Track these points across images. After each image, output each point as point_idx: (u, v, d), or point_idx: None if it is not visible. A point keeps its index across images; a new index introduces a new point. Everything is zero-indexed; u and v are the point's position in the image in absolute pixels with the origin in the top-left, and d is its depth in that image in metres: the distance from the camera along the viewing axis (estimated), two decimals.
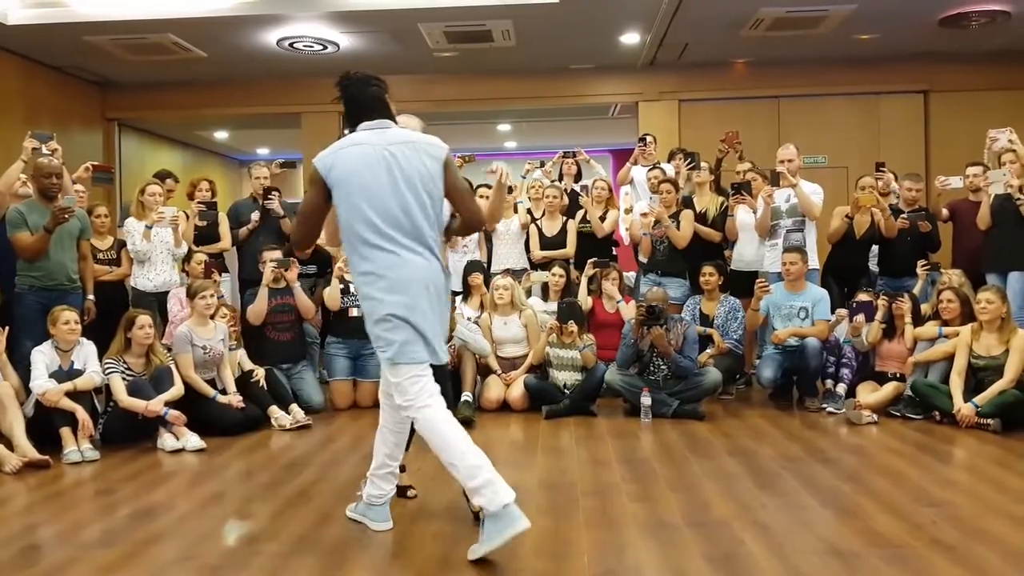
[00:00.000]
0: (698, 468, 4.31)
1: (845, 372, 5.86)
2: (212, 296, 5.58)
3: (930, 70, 9.14)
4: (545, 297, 6.61)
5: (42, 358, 4.95)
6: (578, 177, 7.69)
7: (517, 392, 5.91)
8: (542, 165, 7.74)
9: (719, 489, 3.92)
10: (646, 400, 5.53)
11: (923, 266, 6.35)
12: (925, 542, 3.14)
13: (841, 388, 5.80)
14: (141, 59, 8.57)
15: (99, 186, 7.20)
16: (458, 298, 6.41)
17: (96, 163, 6.96)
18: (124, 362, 5.18)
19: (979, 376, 5.30)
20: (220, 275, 6.31)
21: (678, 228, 6.58)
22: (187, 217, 6.62)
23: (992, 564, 2.91)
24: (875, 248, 6.78)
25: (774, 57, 9.02)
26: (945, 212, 6.70)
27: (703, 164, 7.08)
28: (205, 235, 6.72)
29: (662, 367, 5.74)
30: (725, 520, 3.45)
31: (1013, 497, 3.71)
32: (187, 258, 6.38)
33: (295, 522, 3.53)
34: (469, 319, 6.16)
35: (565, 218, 7.09)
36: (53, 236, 5.35)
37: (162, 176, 6.95)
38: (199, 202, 6.68)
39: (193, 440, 4.95)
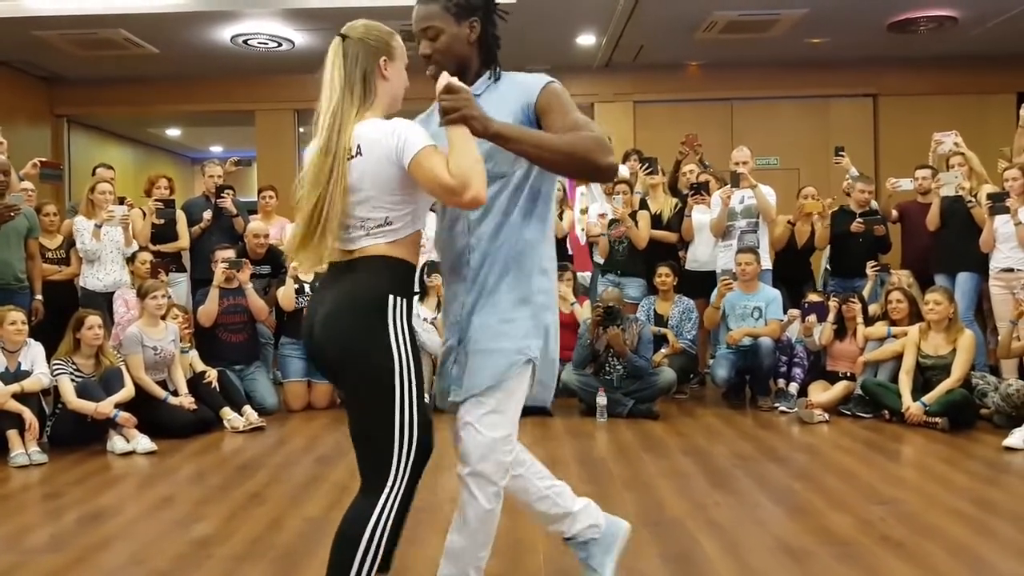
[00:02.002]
0: (653, 467, 4.35)
1: (797, 371, 5.96)
2: (163, 296, 5.49)
3: (879, 74, 9.31)
4: None
5: None
6: None
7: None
8: None
9: (673, 488, 3.95)
10: (601, 400, 5.56)
11: (873, 267, 6.47)
12: (875, 539, 3.20)
13: (793, 387, 5.90)
14: (91, 54, 8.40)
15: (47, 183, 7.03)
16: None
17: (44, 159, 6.80)
18: (73, 363, 5.08)
19: (927, 375, 5.41)
20: (167, 275, 6.19)
21: (636, 228, 6.61)
22: (143, 215, 6.50)
23: (940, 560, 2.98)
24: (828, 251, 6.90)
25: (727, 60, 9.13)
26: (895, 213, 6.84)
27: (659, 167, 7.12)
28: (162, 233, 6.59)
29: (617, 367, 5.77)
30: (679, 519, 3.48)
31: (960, 494, 3.79)
32: (131, 258, 6.23)
33: (248, 525, 3.48)
34: (425, 320, 6.14)
35: None
36: None
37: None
38: (157, 200, 6.55)
39: (143, 442, 4.86)
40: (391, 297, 2.09)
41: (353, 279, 2.09)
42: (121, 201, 6.32)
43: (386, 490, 2.10)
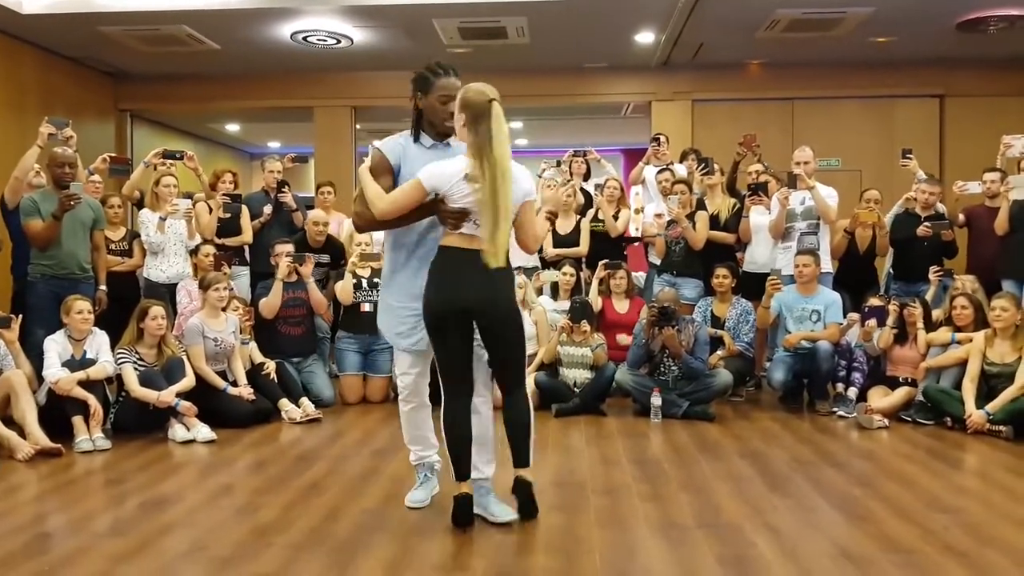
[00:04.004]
0: (708, 469, 4.30)
1: (856, 376, 5.84)
2: (225, 288, 5.59)
3: (946, 74, 9.09)
4: (555, 296, 6.59)
5: (55, 347, 4.97)
6: (587, 176, 7.67)
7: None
8: (558, 164, 7.68)
9: (730, 491, 3.91)
10: (656, 400, 5.52)
11: (936, 272, 6.31)
12: (938, 548, 3.12)
13: (852, 392, 5.78)
14: (155, 51, 8.58)
15: (115, 177, 7.21)
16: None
17: (113, 155, 6.97)
18: (136, 352, 5.19)
19: (991, 383, 5.27)
20: (230, 267, 6.29)
21: (693, 229, 6.55)
22: (209, 209, 6.61)
23: (1006, 571, 2.90)
24: (891, 255, 6.76)
25: (789, 59, 8.99)
26: (961, 217, 6.67)
27: (715, 167, 7.05)
28: (226, 227, 6.70)
29: (672, 368, 5.72)
30: (736, 522, 3.44)
31: None
32: (194, 251, 6.34)
33: (306, 515, 3.53)
34: None
35: (579, 217, 7.06)
36: (66, 225, 5.36)
37: (171, 155, 6.80)
38: (223, 194, 6.67)
39: (204, 431, 4.96)
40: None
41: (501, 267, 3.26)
42: (189, 195, 6.46)
43: (526, 383, 3.51)
